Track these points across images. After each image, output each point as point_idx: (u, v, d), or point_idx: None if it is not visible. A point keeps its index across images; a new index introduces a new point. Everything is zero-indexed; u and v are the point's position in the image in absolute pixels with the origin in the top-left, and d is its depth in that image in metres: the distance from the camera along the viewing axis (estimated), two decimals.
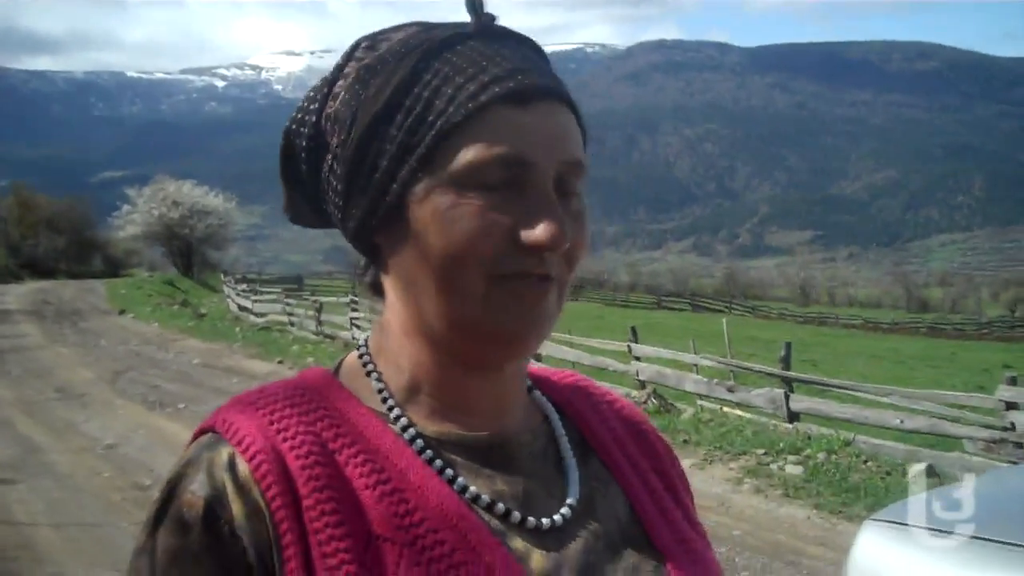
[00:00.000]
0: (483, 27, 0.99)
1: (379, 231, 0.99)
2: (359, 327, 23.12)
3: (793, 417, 12.71)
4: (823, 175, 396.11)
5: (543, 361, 11.69)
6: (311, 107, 1.03)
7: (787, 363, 13.60)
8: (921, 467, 10.15)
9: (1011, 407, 10.57)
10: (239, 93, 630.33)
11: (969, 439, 11.09)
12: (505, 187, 0.93)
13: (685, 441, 11.26)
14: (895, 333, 54.79)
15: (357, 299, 25.55)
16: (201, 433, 0.97)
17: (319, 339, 23.64)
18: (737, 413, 13.84)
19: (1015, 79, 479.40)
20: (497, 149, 0.92)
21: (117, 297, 36.63)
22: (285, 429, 0.94)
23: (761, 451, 11.01)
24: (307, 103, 1.04)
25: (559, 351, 16.60)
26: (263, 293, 31.96)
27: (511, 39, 1.00)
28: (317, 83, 1.04)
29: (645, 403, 13.57)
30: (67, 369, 18.07)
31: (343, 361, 1.08)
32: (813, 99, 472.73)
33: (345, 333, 23.52)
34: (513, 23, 1.01)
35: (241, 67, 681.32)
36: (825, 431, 12.05)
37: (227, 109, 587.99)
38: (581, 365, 15.72)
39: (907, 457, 10.79)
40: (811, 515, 8.71)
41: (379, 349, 1.05)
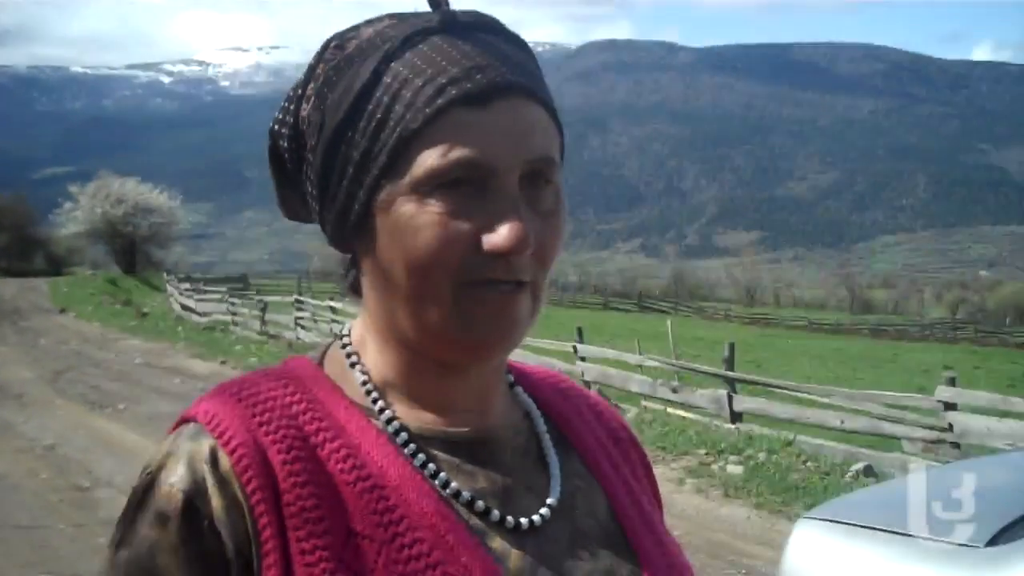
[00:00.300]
0: (447, 20, 0.96)
1: (353, 237, 0.99)
2: (304, 327, 23.04)
3: (736, 417, 12.80)
4: (770, 176, 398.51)
5: None
6: (289, 107, 1.01)
7: (730, 364, 13.70)
8: (859, 467, 10.28)
9: (949, 408, 10.73)
10: (185, 89, 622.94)
11: (908, 439, 11.23)
12: (467, 192, 0.91)
13: None
14: (839, 334, 55.33)
15: (302, 299, 25.48)
16: (183, 422, 0.96)
17: (263, 339, 23.51)
18: (680, 414, 13.92)
19: (958, 81, 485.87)
20: (456, 154, 0.90)
21: (59, 295, 36.25)
22: (267, 422, 0.93)
23: (703, 451, 11.10)
24: (287, 103, 1.02)
25: None
26: (207, 292, 31.75)
27: (478, 30, 0.97)
28: (296, 81, 1.03)
29: None
30: (5, 368, 17.84)
31: (327, 351, 1.07)
32: (761, 100, 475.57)
33: (290, 333, 23.43)
34: None
35: (188, 63, 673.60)
36: (767, 431, 12.18)
37: (173, 105, 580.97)
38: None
39: (847, 457, 10.91)
40: (751, 515, 8.80)
41: (362, 342, 1.04)
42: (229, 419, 0.93)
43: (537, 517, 0.99)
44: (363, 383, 1.01)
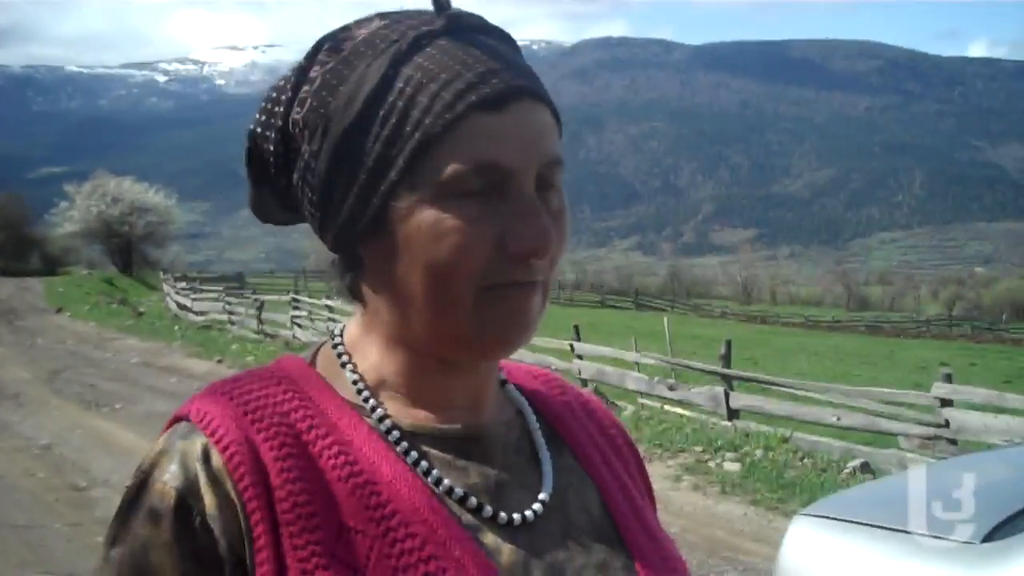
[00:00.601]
0: (451, 23, 0.96)
1: (361, 243, 0.97)
2: (300, 326, 23.02)
3: (732, 415, 12.80)
4: (766, 173, 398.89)
5: None
6: (276, 110, 1.00)
7: (727, 361, 13.69)
8: (856, 463, 10.29)
9: (946, 404, 10.73)
10: (181, 88, 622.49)
11: (904, 436, 11.23)
12: (487, 195, 0.92)
13: None
14: (835, 331, 55.35)
15: (298, 298, 25.47)
16: (176, 421, 0.97)
17: (259, 338, 23.51)
18: (677, 411, 13.92)
19: (954, 78, 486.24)
20: (477, 159, 0.90)
21: (55, 295, 36.22)
22: (259, 420, 0.93)
23: (700, 448, 11.10)
24: (271, 105, 1.00)
25: None
26: (203, 291, 31.74)
27: (481, 33, 0.98)
28: (279, 83, 1.01)
29: None
30: (2, 368, 17.86)
31: (319, 350, 1.07)
32: (757, 97, 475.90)
33: (286, 332, 23.41)
34: None
35: (183, 62, 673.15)
36: (763, 428, 12.18)
37: (169, 104, 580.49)
38: (522, 362, 15.72)
39: (843, 454, 10.92)
40: (748, 511, 8.81)
41: (355, 343, 1.04)
42: (221, 417, 0.93)
43: (530, 512, 1.00)
44: (354, 382, 1.01)
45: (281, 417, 0.95)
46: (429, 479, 0.96)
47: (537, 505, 1.01)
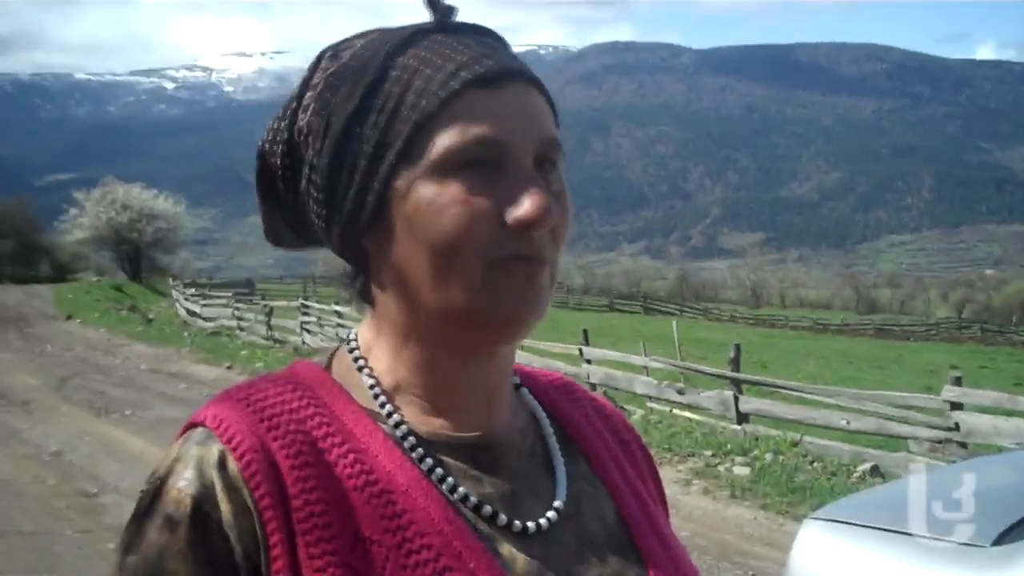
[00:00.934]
0: (443, 21, 0.99)
1: (365, 234, 0.98)
2: (309, 331, 23.03)
3: (742, 418, 12.78)
4: (774, 176, 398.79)
5: None
6: (282, 124, 1.02)
7: (736, 365, 13.68)
8: (866, 467, 10.26)
9: (955, 407, 10.68)
10: (189, 95, 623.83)
11: (914, 439, 11.20)
12: (485, 170, 0.93)
13: None
14: (844, 334, 55.26)
15: (307, 303, 25.48)
16: (191, 427, 0.96)
17: (269, 344, 23.52)
18: (686, 415, 13.91)
19: (961, 80, 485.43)
20: (473, 132, 0.92)
21: (64, 302, 36.25)
22: (276, 427, 0.93)
23: (709, 452, 11.09)
24: (277, 121, 1.03)
25: None
26: (212, 298, 31.77)
27: (471, 30, 1.00)
28: (285, 100, 1.03)
29: None
30: (11, 375, 17.84)
31: (334, 355, 1.07)
32: (764, 100, 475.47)
33: (295, 338, 23.42)
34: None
35: (191, 68, 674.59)
36: (773, 432, 12.16)
37: (177, 111, 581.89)
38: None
39: (853, 457, 10.89)
40: (758, 516, 8.79)
41: (369, 346, 1.04)
42: (237, 424, 0.93)
43: (544, 521, 0.99)
44: (371, 387, 1.01)
45: (297, 424, 0.94)
46: (444, 487, 0.96)
47: (551, 513, 1.00)
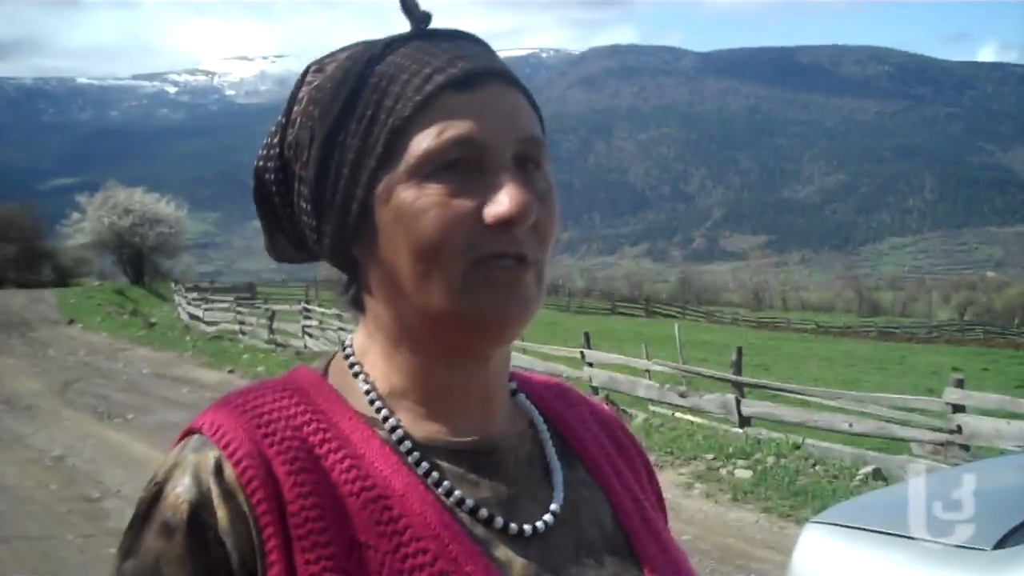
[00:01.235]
0: (421, 28, 1.00)
1: (354, 242, 0.99)
2: (311, 335, 23.05)
3: (744, 422, 12.77)
4: (776, 179, 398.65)
5: None
6: (274, 140, 1.03)
7: (738, 368, 13.68)
8: (868, 470, 10.26)
9: (958, 410, 10.66)
10: (191, 99, 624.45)
11: (916, 442, 11.19)
12: (465, 172, 0.93)
13: None
14: (846, 337, 55.16)
15: (309, 307, 25.50)
16: (188, 433, 0.97)
17: (271, 348, 23.54)
18: (688, 418, 13.90)
19: (963, 82, 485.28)
20: (449, 134, 0.92)
21: (67, 307, 36.29)
22: (272, 433, 0.94)
23: (711, 456, 11.09)
24: (270, 138, 1.04)
25: (512, 358, 16.60)
26: (214, 302, 31.82)
27: (451, 35, 1.01)
28: (279, 118, 1.04)
29: None
30: (14, 380, 17.88)
31: (331, 361, 1.07)
32: (766, 102, 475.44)
33: (297, 341, 23.45)
34: (469, 27, 1.03)
35: (193, 72, 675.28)
36: (775, 435, 12.15)
37: (179, 115, 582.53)
38: (534, 372, 15.73)
39: (855, 460, 10.88)
40: (760, 519, 8.79)
41: (364, 352, 1.04)
42: (234, 431, 0.93)
43: (540, 524, 0.99)
44: (367, 392, 1.01)
45: (294, 431, 0.95)
46: (440, 491, 0.96)
47: (548, 516, 1.00)
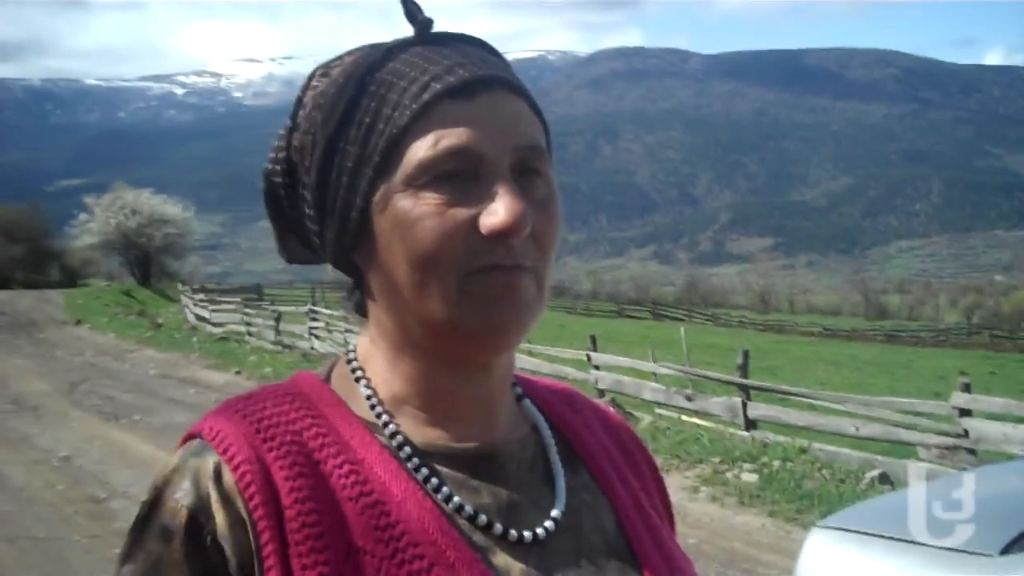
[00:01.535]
0: (424, 33, 1.00)
1: (354, 249, 0.99)
2: (318, 337, 23.05)
3: (750, 425, 12.75)
4: (783, 181, 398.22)
5: None
6: (281, 144, 1.03)
7: (745, 371, 13.65)
8: (875, 474, 10.24)
9: (964, 414, 10.64)
10: (198, 100, 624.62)
11: (923, 446, 11.17)
12: (462, 181, 0.93)
13: None
14: (853, 340, 55.03)
15: (316, 309, 25.51)
16: (189, 438, 0.97)
17: (277, 349, 23.55)
18: (695, 421, 13.88)
19: (971, 85, 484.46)
20: (446, 143, 0.92)
21: (74, 307, 36.34)
22: (271, 438, 0.94)
23: (717, 459, 11.07)
24: (278, 141, 1.04)
25: (518, 360, 16.58)
26: (221, 303, 31.82)
27: (454, 40, 1.00)
28: (286, 121, 1.04)
29: None
30: (21, 380, 17.91)
31: (334, 366, 1.07)
32: (773, 105, 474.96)
33: (304, 343, 23.45)
34: (477, 29, 1.04)
35: (200, 74, 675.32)
36: (781, 439, 12.12)
37: (186, 117, 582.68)
38: (540, 374, 15.70)
39: (862, 464, 10.86)
40: (766, 523, 8.77)
41: (366, 358, 1.05)
42: (233, 435, 0.94)
43: (541, 530, 0.99)
44: (368, 398, 1.02)
45: (293, 435, 0.95)
46: (439, 497, 0.96)
47: (549, 523, 1.00)
